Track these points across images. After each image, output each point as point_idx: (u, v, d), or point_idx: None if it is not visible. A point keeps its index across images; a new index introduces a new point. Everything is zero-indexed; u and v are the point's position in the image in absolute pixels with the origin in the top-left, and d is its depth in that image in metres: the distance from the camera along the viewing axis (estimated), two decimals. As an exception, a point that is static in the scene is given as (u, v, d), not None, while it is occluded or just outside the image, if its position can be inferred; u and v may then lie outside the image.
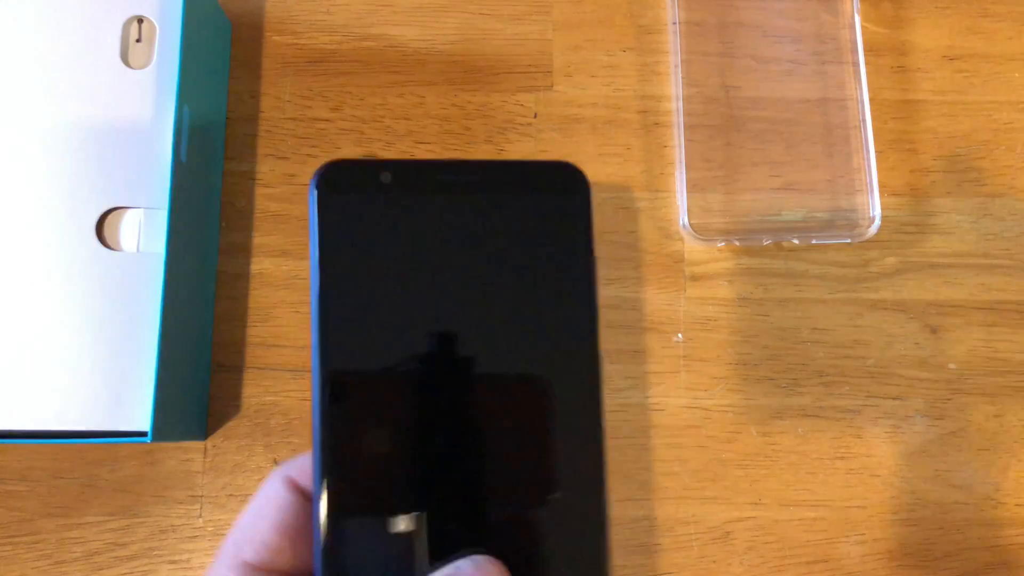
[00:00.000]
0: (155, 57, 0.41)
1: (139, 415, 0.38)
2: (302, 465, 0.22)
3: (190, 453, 0.43)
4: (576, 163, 0.23)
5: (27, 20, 0.41)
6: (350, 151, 0.46)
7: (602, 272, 0.45)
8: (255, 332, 0.44)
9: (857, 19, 0.47)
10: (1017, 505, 0.43)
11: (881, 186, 0.46)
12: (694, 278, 0.45)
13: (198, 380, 0.43)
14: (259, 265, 0.45)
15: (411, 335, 0.22)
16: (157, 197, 0.40)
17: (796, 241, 0.45)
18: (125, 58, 0.41)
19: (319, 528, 0.21)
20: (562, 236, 0.23)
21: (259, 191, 0.46)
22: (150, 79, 0.41)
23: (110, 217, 0.40)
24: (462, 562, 0.20)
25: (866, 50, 0.47)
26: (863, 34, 0.47)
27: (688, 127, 0.46)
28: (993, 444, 0.44)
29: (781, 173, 0.46)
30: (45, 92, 0.40)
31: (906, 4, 0.49)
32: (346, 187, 0.22)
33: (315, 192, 0.22)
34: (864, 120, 0.46)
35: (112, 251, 0.39)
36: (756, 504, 0.43)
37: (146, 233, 0.40)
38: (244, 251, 0.45)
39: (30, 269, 0.39)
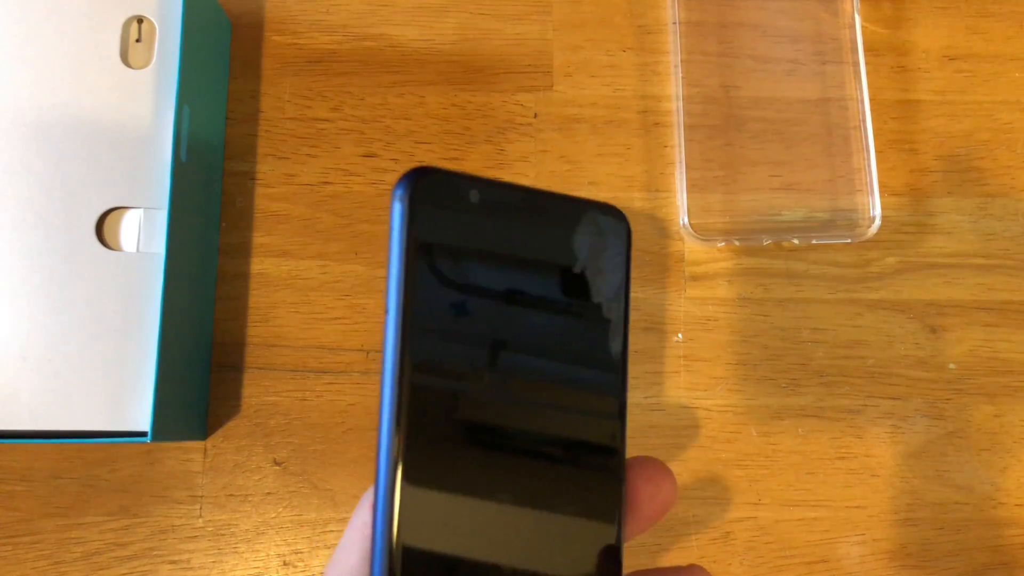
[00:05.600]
0: (155, 57, 0.41)
1: (139, 415, 0.38)
2: None
3: (190, 453, 0.43)
4: (618, 207, 0.25)
5: (27, 20, 0.41)
6: (350, 151, 0.46)
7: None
8: (255, 332, 0.44)
9: (857, 19, 0.47)
10: (1017, 505, 0.43)
11: (881, 186, 0.46)
12: (694, 278, 0.45)
13: (198, 380, 0.43)
14: (259, 265, 0.45)
15: (478, 358, 0.22)
16: (157, 197, 0.40)
17: (796, 241, 0.45)
18: (125, 58, 0.41)
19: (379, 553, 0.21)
20: (605, 269, 0.24)
21: (259, 191, 0.46)
22: (150, 79, 0.41)
23: (110, 217, 0.40)
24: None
25: (866, 50, 0.47)
26: (863, 34, 0.47)
27: (688, 127, 0.46)
28: (993, 444, 0.44)
29: (781, 173, 0.46)
30: (45, 92, 0.40)
31: (906, 4, 0.49)
32: (435, 199, 0.22)
33: (405, 200, 0.22)
34: (864, 120, 0.46)
35: (112, 251, 0.39)
36: (756, 504, 0.43)
37: (146, 233, 0.40)
38: (244, 251, 0.45)
39: (30, 269, 0.39)
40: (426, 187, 0.22)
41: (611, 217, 0.25)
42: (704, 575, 0.23)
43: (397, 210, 0.22)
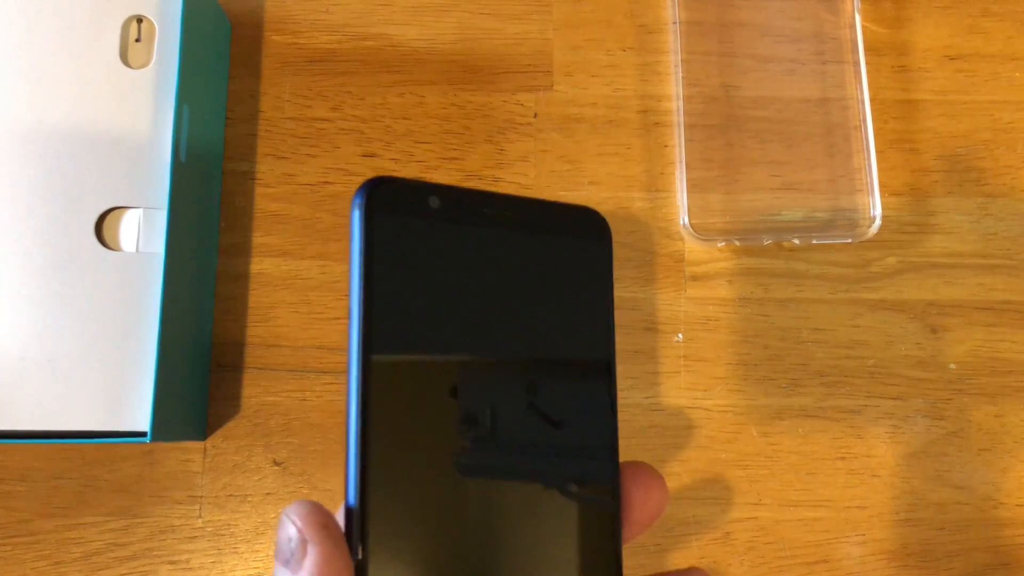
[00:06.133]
0: (155, 57, 0.41)
1: (138, 415, 0.38)
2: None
3: (189, 453, 0.43)
4: (599, 210, 0.25)
5: (27, 19, 0.41)
6: (350, 151, 0.46)
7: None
8: (255, 332, 0.44)
9: (858, 18, 0.47)
10: (1018, 505, 0.43)
11: (882, 186, 0.45)
12: (694, 278, 0.45)
13: (197, 380, 0.42)
14: (259, 265, 0.45)
15: (451, 373, 0.22)
16: (156, 197, 0.40)
17: (796, 241, 0.45)
18: (124, 58, 0.41)
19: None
20: (586, 273, 0.24)
21: (258, 191, 0.46)
22: (149, 79, 0.41)
23: (109, 217, 0.40)
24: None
25: (867, 49, 0.47)
26: (863, 33, 0.47)
27: (688, 127, 0.46)
28: (994, 444, 0.44)
29: (781, 173, 0.46)
30: (44, 92, 0.40)
31: (907, 3, 0.49)
32: (393, 207, 0.22)
33: (362, 208, 0.21)
34: (865, 120, 0.46)
35: (111, 251, 0.39)
36: (756, 504, 0.43)
37: (145, 233, 0.40)
38: (244, 251, 0.45)
39: (29, 269, 0.39)
40: (384, 195, 0.22)
41: (588, 220, 0.24)
42: None
43: (356, 218, 0.21)
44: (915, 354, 0.44)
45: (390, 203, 0.22)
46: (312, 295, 0.45)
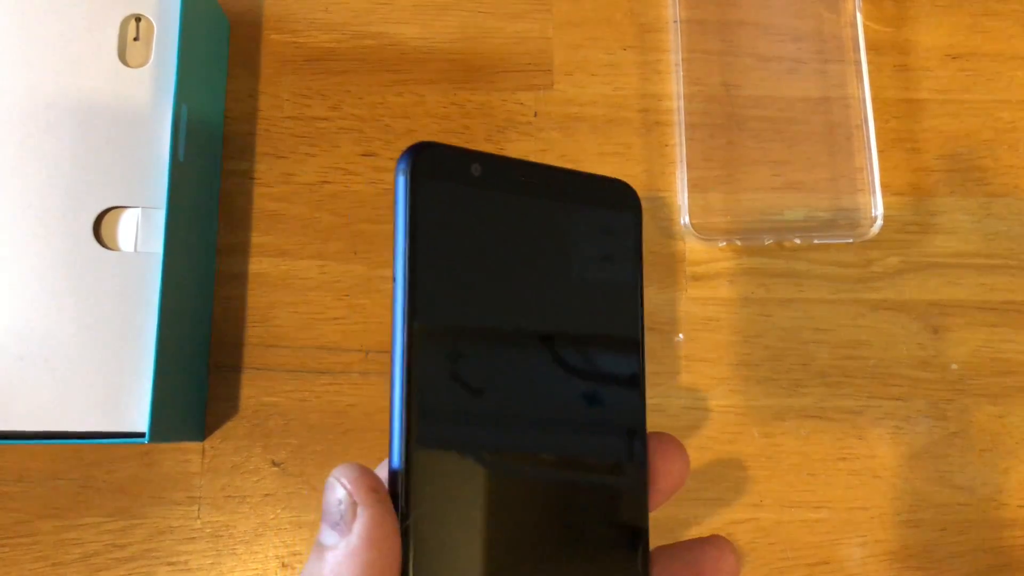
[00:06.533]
0: (153, 56, 0.41)
1: (137, 416, 0.38)
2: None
3: (188, 454, 0.43)
4: (628, 182, 0.25)
5: (25, 18, 0.40)
6: (349, 150, 0.46)
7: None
8: (253, 332, 0.44)
9: (859, 17, 0.47)
10: (1020, 506, 0.43)
11: (883, 185, 0.45)
12: (695, 278, 0.45)
13: (196, 381, 0.42)
14: (257, 265, 0.45)
15: (491, 339, 0.22)
16: (155, 196, 0.40)
17: (798, 241, 0.44)
18: (123, 57, 0.41)
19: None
20: (616, 245, 0.25)
21: (257, 190, 0.46)
22: (148, 78, 0.41)
23: (107, 216, 0.39)
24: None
25: (868, 48, 0.47)
26: (865, 32, 0.47)
27: (689, 126, 0.46)
28: (995, 445, 0.44)
29: (783, 172, 0.46)
30: (43, 90, 0.40)
31: (908, 2, 0.48)
32: (435, 172, 0.22)
33: (407, 173, 0.22)
34: (866, 119, 0.45)
35: (109, 251, 0.39)
36: (758, 505, 0.43)
37: (144, 233, 0.39)
38: (242, 251, 0.45)
39: (27, 269, 0.38)
40: (429, 161, 0.22)
41: (620, 192, 0.25)
42: (724, 543, 0.24)
43: (400, 184, 0.22)
44: (917, 354, 0.44)
45: (433, 168, 0.22)
46: (311, 295, 0.44)
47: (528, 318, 0.23)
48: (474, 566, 0.21)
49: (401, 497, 0.20)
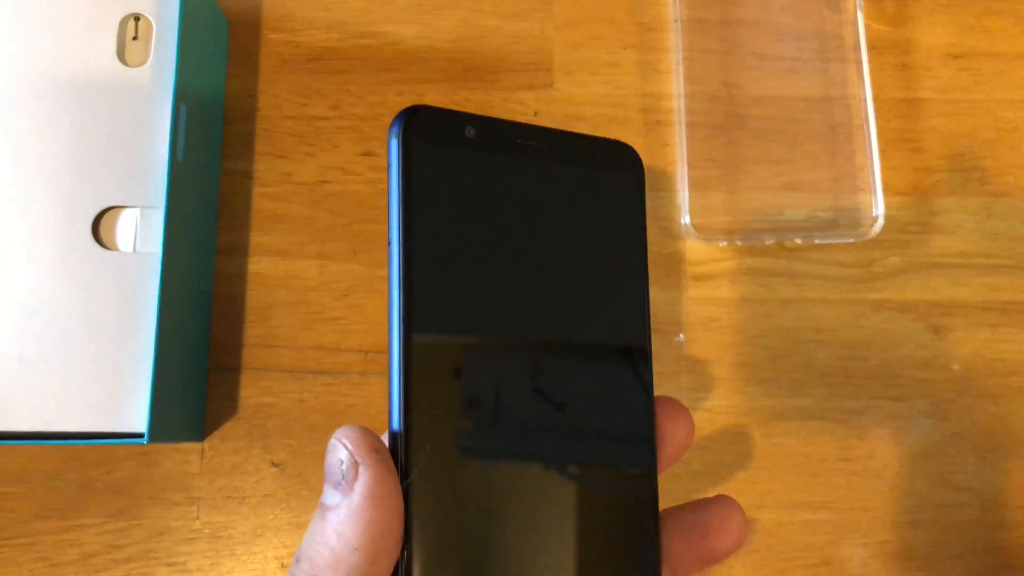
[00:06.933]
0: (152, 55, 0.41)
1: (135, 416, 0.38)
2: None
3: (187, 455, 0.43)
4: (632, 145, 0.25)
5: (23, 17, 0.40)
6: (348, 149, 0.46)
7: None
8: (252, 332, 0.44)
9: (860, 16, 0.47)
10: (1021, 507, 0.43)
11: (884, 185, 0.45)
12: (696, 278, 0.45)
13: (195, 381, 0.42)
14: (256, 265, 0.45)
15: (489, 299, 0.22)
16: (154, 196, 0.39)
17: (799, 241, 0.44)
18: (122, 56, 0.41)
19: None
20: (619, 206, 0.24)
21: (256, 190, 0.45)
22: (147, 77, 0.40)
23: (106, 216, 0.39)
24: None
25: (869, 48, 0.46)
26: (866, 32, 0.47)
27: (690, 125, 0.46)
28: (997, 446, 0.43)
29: (784, 172, 0.46)
30: (41, 90, 0.40)
31: (909, 1, 0.48)
32: (429, 135, 0.22)
33: (399, 137, 0.22)
34: (867, 119, 0.45)
35: (108, 251, 0.39)
36: (758, 506, 0.43)
37: (142, 232, 0.39)
38: (241, 251, 0.45)
39: (25, 268, 0.38)
40: (421, 123, 0.22)
41: (621, 152, 0.24)
42: (730, 503, 0.24)
43: (393, 146, 0.22)
44: (918, 355, 0.44)
45: (426, 131, 0.22)
46: (310, 295, 0.44)
47: (528, 282, 0.23)
48: (476, 525, 0.21)
49: (401, 457, 0.20)
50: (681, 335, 0.44)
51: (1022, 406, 0.44)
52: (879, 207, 0.44)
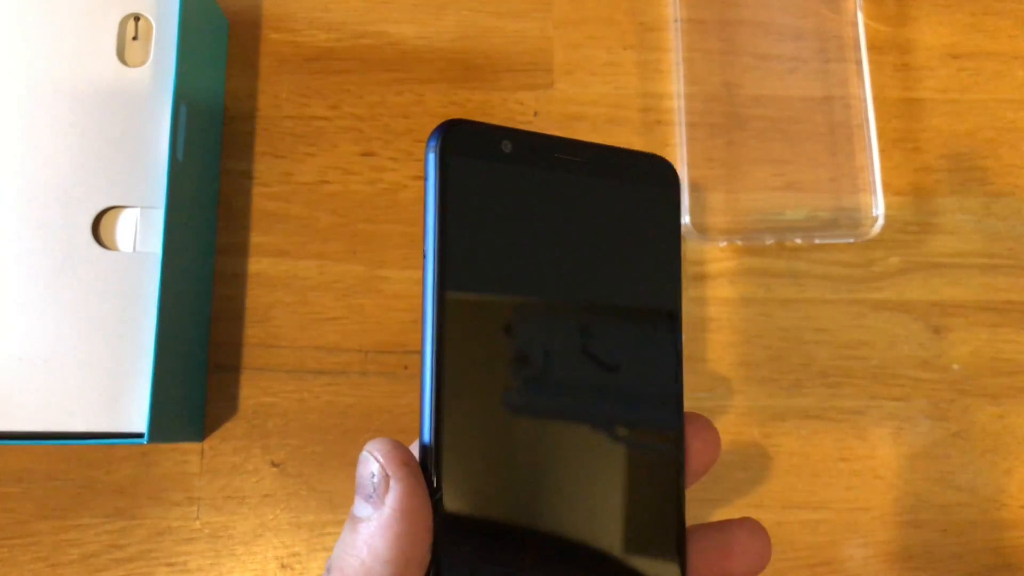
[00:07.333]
0: (152, 55, 0.41)
1: (135, 416, 0.38)
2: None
3: (187, 455, 0.43)
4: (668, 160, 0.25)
5: (23, 17, 0.40)
6: (348, 149, 0.46)
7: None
8: (252, 332, 0.44)
9: (860, 16, 0.47)
10: (1021, 507, 0.43)
11: (884, 185, 0.45)
12: (696, 278, 0.45)
13: (195, 381, 0.42)
14: (256, 265, 0.45)
15: (523, 313, 0.22)
16: (154, 196, 0.39)
17: (799, 241, 0.44)
18: (121, 56, 0.41)
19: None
20: (655, 220, 0.24)
21: (256, 190, 0.45)
22: (147, 77, 0.40)
23: (106, 216, 0.39)
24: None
25: (869, 48, 0.46)
26: (866, 31, 0.47)
27: (690, 125, 0.46)
28: (997, 446, 0.43)
29: (784, 172, 0.46)
30: (41, 90, 0.40)
31: (909, 1, 0.48)
32: (466, 149, 0.22)
33: (437, 150, 0.22)
34: (867, 118, 0.45)
35: (108, 250, 0.39)
36: (758, 506, 0.43)
37: (142, 232, 0.39)
38: (241, 250, 0.45)
39: (25, 268, 0.38)
40: (459, 137, 0.22)
41: (657, 167, 0.25)
42: (755, 526, 0.24)
43: (431, 161, 0.22)
44: (918, 355, 0.44)
45: (464, 144, 0.22)
46: (310, 295, 0.44)
47: (562, 293, 0.23)
48: (505, 539, 0.21)
49: (432, 471, 0.21)
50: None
51: (1022, 406, 0.44)
52: (879, 207, 0.44)
